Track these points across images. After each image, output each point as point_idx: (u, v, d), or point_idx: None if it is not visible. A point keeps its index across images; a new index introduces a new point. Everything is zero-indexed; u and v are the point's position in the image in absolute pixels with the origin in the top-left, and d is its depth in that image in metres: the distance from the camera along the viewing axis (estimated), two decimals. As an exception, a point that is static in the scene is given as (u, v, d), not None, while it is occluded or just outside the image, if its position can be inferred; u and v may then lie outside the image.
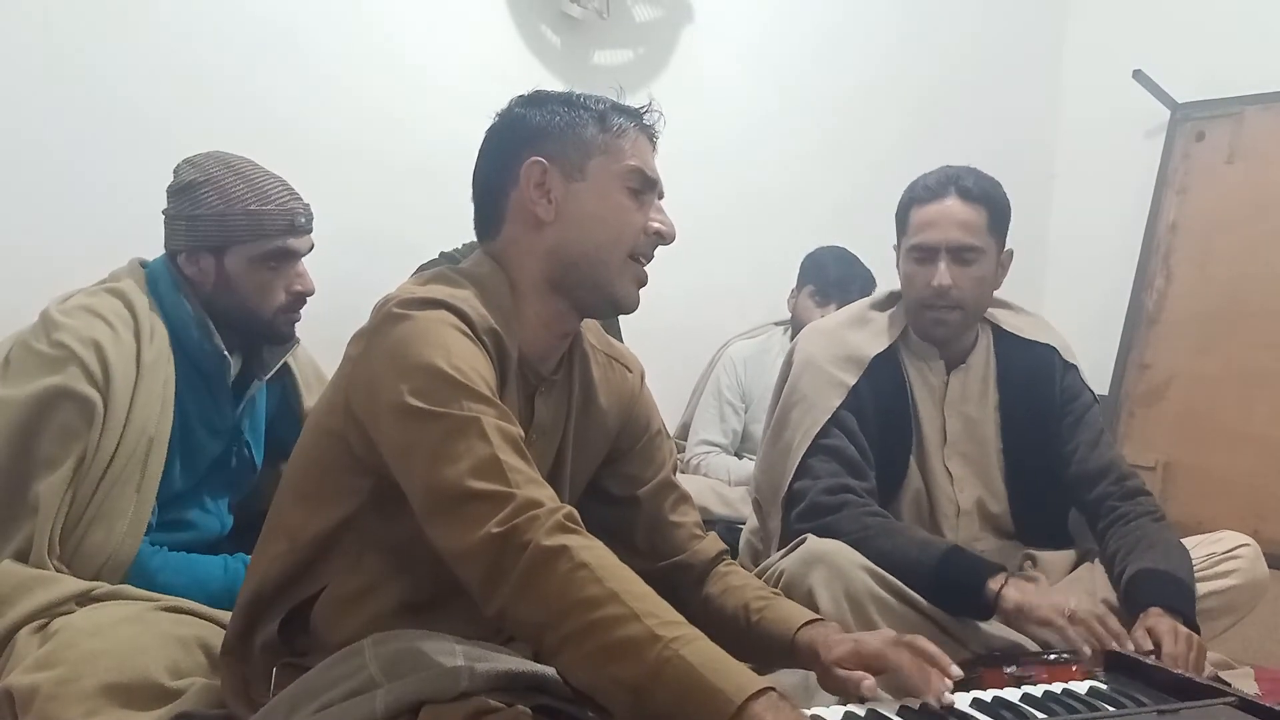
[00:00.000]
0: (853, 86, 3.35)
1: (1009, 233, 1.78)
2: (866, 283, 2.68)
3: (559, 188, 1.16)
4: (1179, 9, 3.49)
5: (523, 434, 1.05)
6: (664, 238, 1.20)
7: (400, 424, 1.02)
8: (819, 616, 1.22)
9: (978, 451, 1.80)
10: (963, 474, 1.79)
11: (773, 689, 0.88)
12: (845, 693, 1.12)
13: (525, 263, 1.18)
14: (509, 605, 0.95)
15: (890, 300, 1.86)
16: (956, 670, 1.07)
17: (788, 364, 1.87)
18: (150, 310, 1.49)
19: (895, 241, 1.81)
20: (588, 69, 2.83)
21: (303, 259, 1.55)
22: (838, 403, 1.73)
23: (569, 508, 0.99)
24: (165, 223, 1.53)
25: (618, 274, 1.18)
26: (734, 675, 0.89)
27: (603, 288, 1.18)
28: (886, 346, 1.78)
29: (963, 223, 1.69)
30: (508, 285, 1.17)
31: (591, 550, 0.95)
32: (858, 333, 1.81)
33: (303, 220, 1.53)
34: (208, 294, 1.51)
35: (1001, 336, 1.85)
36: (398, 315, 1.07)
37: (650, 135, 1.22)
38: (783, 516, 1.77)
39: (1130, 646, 1.40)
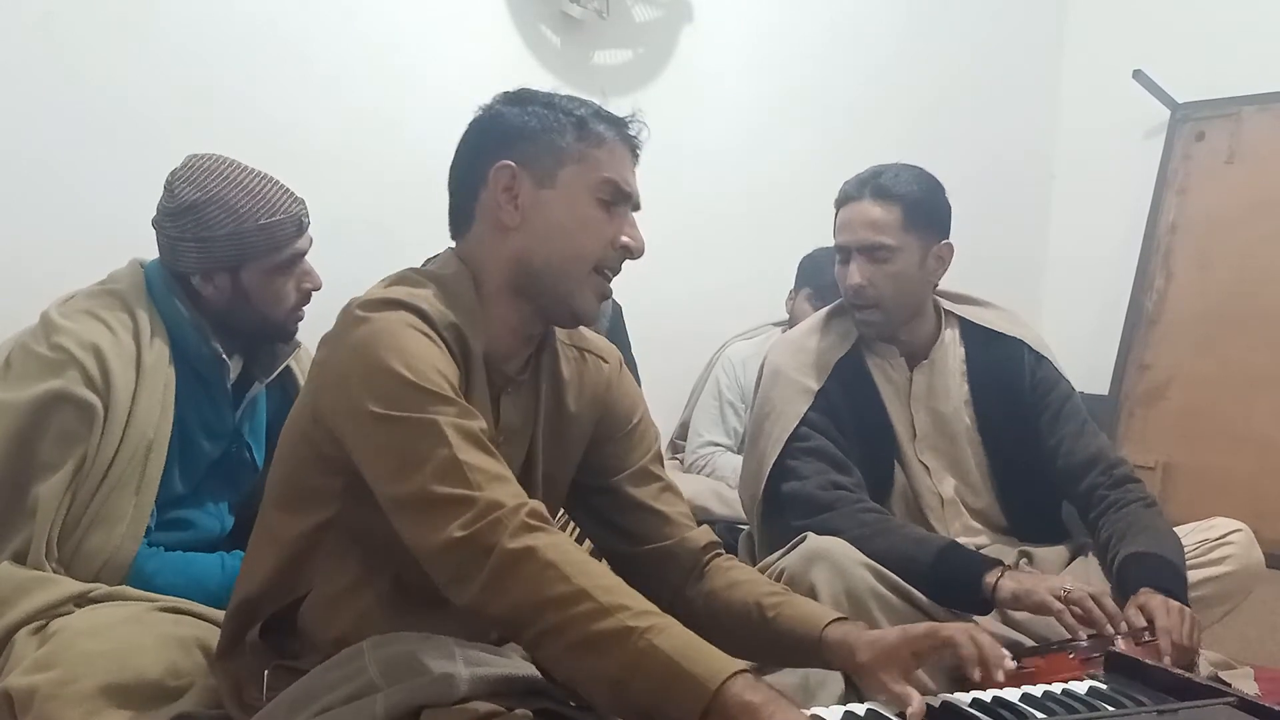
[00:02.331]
0: (852, 86, 3.35)
1: (949, 227, 1.80)
2: None
3: (527, 194, 1.15)
4: (1179, 10, 3.49)
5: (487, 429, 1.05)
6: (631, 253, 1.18)
7: (363, 430, 1.03)
8: (842, 615, 1.20)
9: (948, 446, 1.81)
10: (936, 467, 1.80)
11: (747, 670, 0.89)
12: (887, 693, 1.09)
13: (490, 265, 1.17)
14: (478, 606, 0.96)
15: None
16: (1010, 663, 1.07)
17: (759, 376, 1.89)
18: (150, 313, 1.49)
19: None
20: (587, 69, 2.84)
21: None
22: (805, 408, 1.75)
23: (533, 504, 0.99)
24: (167, 243, 1.50)
25: (580, 286, 1.17)
26: (709, 660, 0.90)
27: (563, 298, 1.17)
28: (849, 349, 1.80)
29: (871, 222, 1.72)
30: (472, 285, 1.16)
31: (558, 548, 0.96)
32: (821, 338, 1.84)
33: (306, 220, 1.54)
34: (222, 309, 1.51)
35: (970, 331, 1.85)
36: (358, 318, 1.08)
37: (632, 146, 1.19)
38: (761, 524, 1.79)
39: (1124, 627, 1.40)
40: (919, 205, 1.74)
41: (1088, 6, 3.79)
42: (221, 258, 1.47)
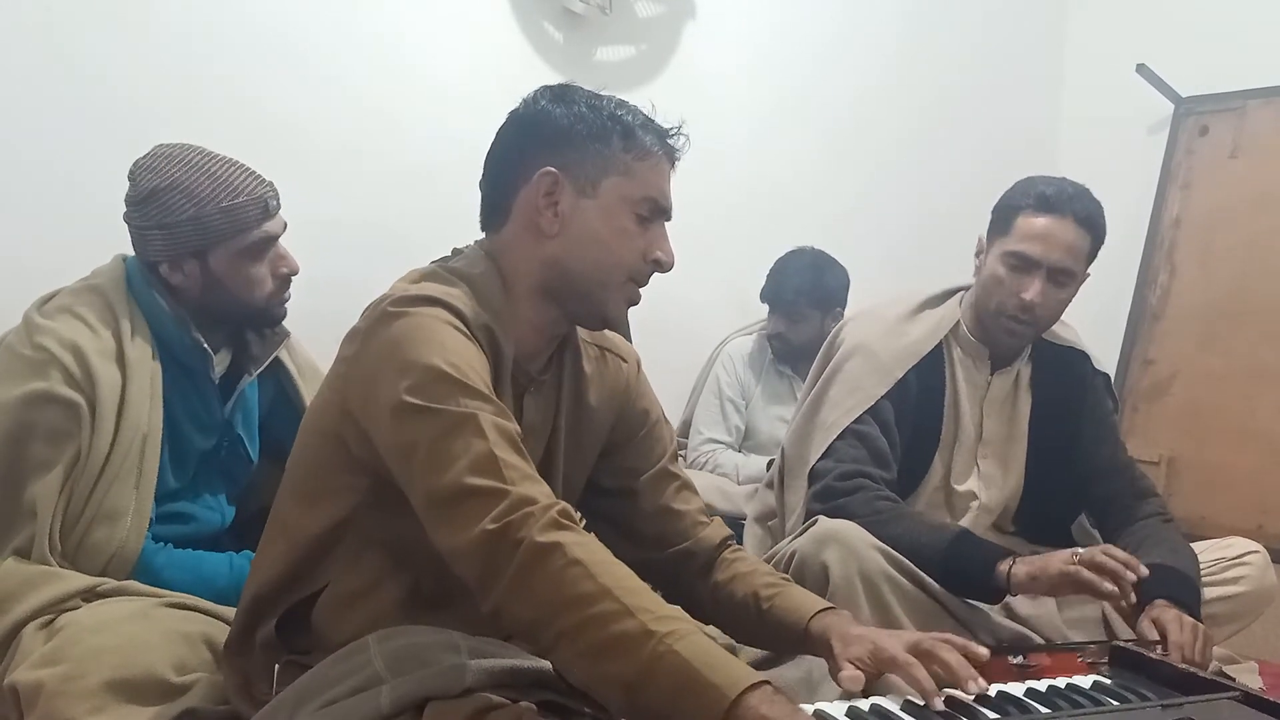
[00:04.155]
0: (856, 83, 3.34)
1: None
2: (817, 291, 2.64)
3: (568, 201, 1.15)
4: (1182, 4, 3.48)
5: (519, 431, 1.05)
6: (662, 267, 1.19)
7: (398, 422, 1.02)
8: (830, 605, 1.21)
9: (1011, 451, 1.80)
10: (992, 473, 1.79)
11: (768, 682, 0.89)
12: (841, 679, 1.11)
13: (522, 266, 1.17)
14: (504, 602, 0.96)
15: (944, 297, 1.85)
16: (975, 686, 1.05)
17: (832, 346, 1.86)
18: (130, 307, 1.49)
19: (986, 235, 1.77)
20: (590, 65, 2.83)
21: (280, 239, 1.54)
22: (883, 391, 1.72)
23: (564, 504, 0.99)
24: (136, 233, 1.50)
25: (614, 293, 1.18)
26: (728, 669, 0.89)
27: (596, 304, 1.18)
28: (938, 343, 1.77)
29: (1069, 245, 1.67)
30: (500, 285, 1.16)
31: (585, 546, 0.96)
32: (913, 326, 1.81)
33: (274, 203, 1.52)
34: (197, 297, 1.50)
35: (1038, 341, 1.85)
36: (392, 313, 1.07)
37: (673, 159, 1.20)
38: (795, 483, 1.78)
39: (1143, 571, 1.42)
40: (1100, 241, 1.71)
41: (1090, 2, 3.78)
42: (186, 243, 1.46)
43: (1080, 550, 1.45)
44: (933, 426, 1.77)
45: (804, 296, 2.64)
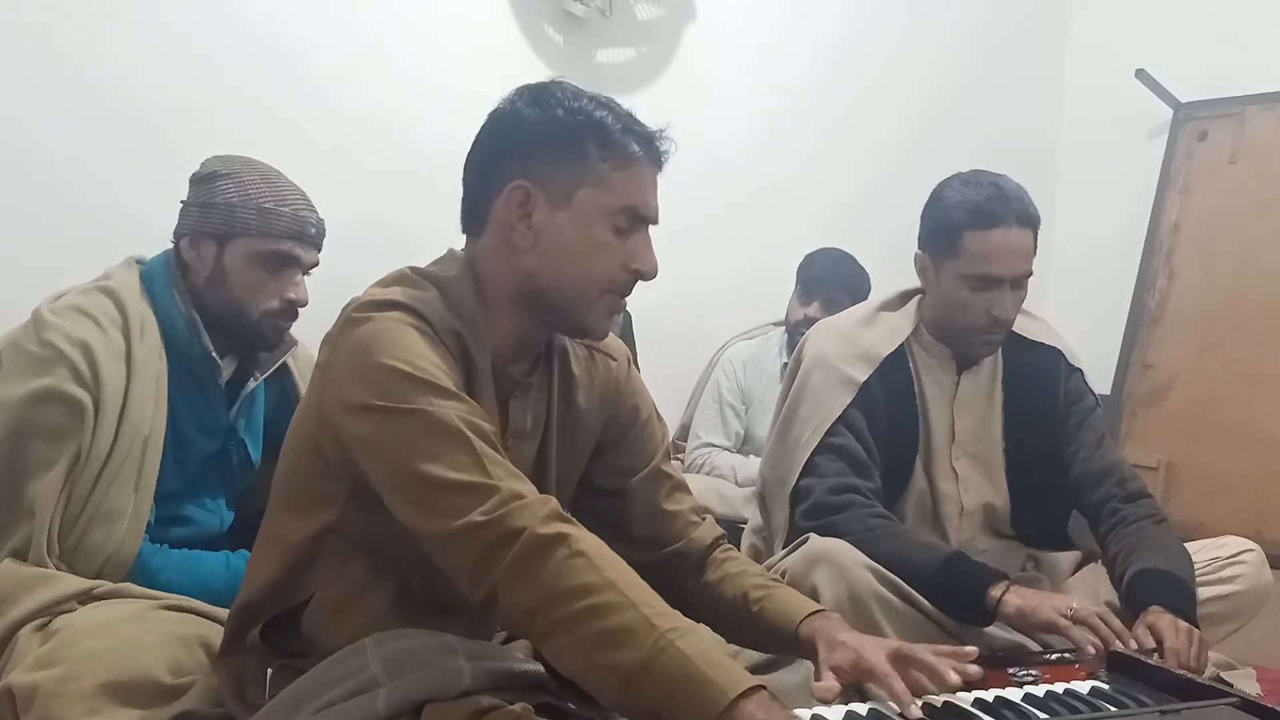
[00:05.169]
0: (855, 85, 3.35)
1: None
2: (853, 281, 2.67)
3: (541, 213, 1.12)
4: (1181, 8, 3.49)
5: (495, 430, 1.05)
6: (644, 276, 1.16)
7: (368, 426, 1.02)
8: (821, 608, 1.21)
9: (986, 452, 1.79)
10: (969, 475, 1.78)
11: (764, 687, 0.89)
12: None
13: (498, 276, 1.15)
14: (501, 589, 0.95)
15: (902, 300, 1.84)
16: (953, 678, 1.06)
17: (797, 360, 1.85)
18: (141, 308, 1.49)
19: (925, 251, 1.74)
20: (590, 67, 2.83)
21: (303, 273, 1.55)
22: (848, 400, 1.71)
23: (554, 500, 1.00)
24: (182, 208, 1.55)
25: (590, 305, 1.15)
26: (727, 671, 0.89)
27: (574, 317, 1.16)
28: (897, 346, 1.76)
29: (1025, 251, 1.65)
30: (474, 290, 1.14)
31: (588, 540, 0.96)
32: (870, 331, 1.79)
33: (312, 231, 1.54)
34: (201, 284, 1.51)
35: (1009, 338, 1.84)
36: (357, 319, 1.07)
37: (659, 163, 1.15)
38: (789, 513, 1.76)
39: (1133, 645, 1.40)
40: (1039, 224, 1.69)
41: (1090, 5, 3.79)
42: (212, 224, 1.50)
43: (1075, 606, 1.43)
44: (909, 430, 1.76)
45: (845, 283, 2.65)
